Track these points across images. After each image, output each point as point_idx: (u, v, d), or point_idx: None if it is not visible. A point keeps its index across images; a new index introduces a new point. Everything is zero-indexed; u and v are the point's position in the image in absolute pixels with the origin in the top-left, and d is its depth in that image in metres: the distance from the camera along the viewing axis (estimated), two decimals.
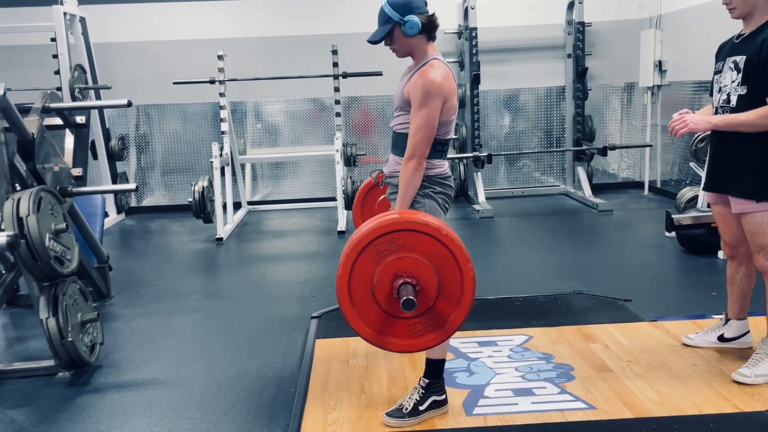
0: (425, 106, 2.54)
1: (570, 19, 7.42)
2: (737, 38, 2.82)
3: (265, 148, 7.85)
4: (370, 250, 2.17)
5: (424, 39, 2.67)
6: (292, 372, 3.20)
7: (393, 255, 2.18)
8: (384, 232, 2.17)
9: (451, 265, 2.19)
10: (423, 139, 2.56)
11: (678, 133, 2.80)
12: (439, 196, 2.72)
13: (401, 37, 2.66)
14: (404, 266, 2.19)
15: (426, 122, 2.55)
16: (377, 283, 2.19)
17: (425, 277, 2.19)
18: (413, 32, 2.62)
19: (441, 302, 2.22)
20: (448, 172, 2.82)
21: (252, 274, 5.13)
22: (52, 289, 3.21)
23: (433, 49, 2.71)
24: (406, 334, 2.29)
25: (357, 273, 2.19)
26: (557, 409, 2.68)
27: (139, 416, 2.85)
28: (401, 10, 2.61)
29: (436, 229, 2.17)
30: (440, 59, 2.66)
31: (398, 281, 2.18)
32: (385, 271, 2.18)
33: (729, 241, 3.01)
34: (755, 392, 2.72)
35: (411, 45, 2.68)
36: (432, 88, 2.54)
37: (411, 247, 2.18)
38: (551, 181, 8.04)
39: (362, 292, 2.21)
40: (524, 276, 4.72)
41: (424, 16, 2.63)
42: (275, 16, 7.59)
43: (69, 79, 6.44)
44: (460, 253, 2.18)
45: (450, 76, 2.62)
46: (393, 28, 2.65)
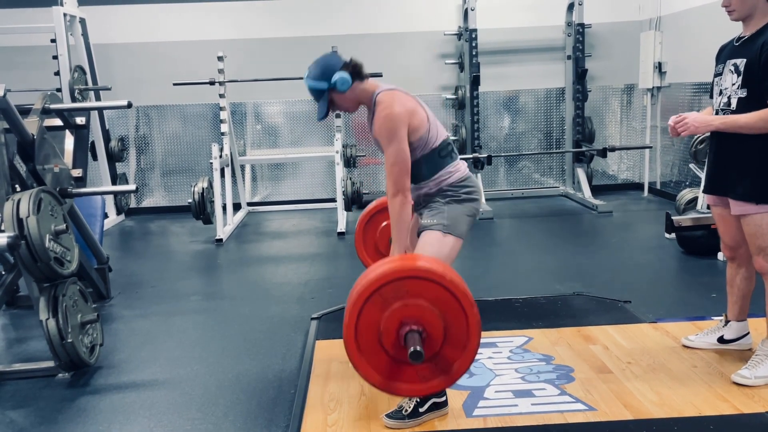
0: (393, 141, 2.65)
1: (570, 21, 7.43)
2: (737, 41, 2.82)
3: (265, 150, 7.85)
4: (376, 298, 2.18)
5: (359, 83, 2.76)
6: (291, 373, 3.20)
7: (399, 302, 2.18)
8: (389, 279, 2.18)
9: (456, 310, 2.20)
10: (400, 172, 2.67)
11: (679, 135, 2.80)
12: (463, 204, 2.78)
13: (342, 97, 2.76)
14: (410, 313, 2.19)
15: (397, 156, 2.66)
16: (384, 331, 2.20)
17: (431, 323, 2.19)
18: (347, 86, 2.72)
19: (447, 347, 2.23)
20: (468, 175, 2.87)
21: (252, 276, 5.13)
22: (52, 290, 3.21)
23: (372, 86, 2.79)
24: (414, 379, 2.29)
25: (363, 321, 2.20)
26: (557, 410, 2.68)
27: (139, 417, 2.85)
28: (324, 77, 2.72)
29: (440, 275, 2.17)
30: (384, 89, 2.75)
31: (405, 329, 2.18)
32: (391, 318, 2.19)
33: (729, 242, 3.01)
34: (755, 394, 2.72)
35: (354, 97, 2.78)
36: (391, 124, 2.64)
37: (416, 293, 2.18)
38: (551, 182, 8.04)
39: (369, 339, 2.22)
40: (524, 277, 4.72)
41: (346, 67, 2.74)
42: (275, 17, 7.60)
43: (69, 80, 6.44)
44: (465, 298, 2.18)
45: (398, 97, 2.70)
46: (329, 95, 2.76)
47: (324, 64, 2.76)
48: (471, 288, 4.33)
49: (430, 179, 2.81)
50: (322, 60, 2.79)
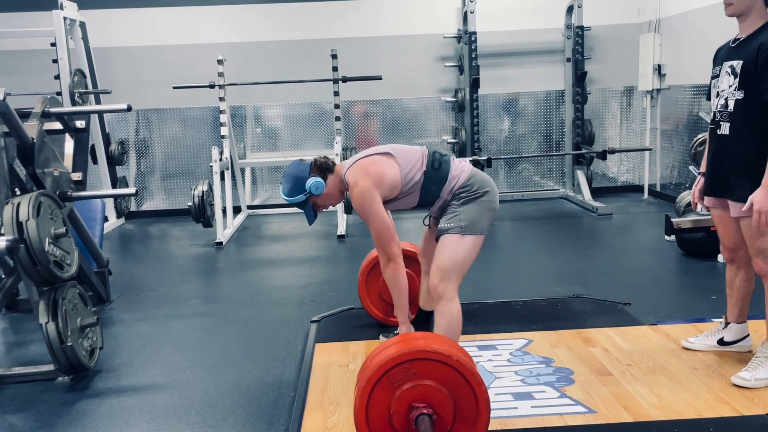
0: (371, 215, 2.82)
1: (569, 23, 7.43)
2: (733, 43, 2.82)
3: (265, 152, 7.86)
4: (385, 382, 2.20)
5: (330, 177, 2.95)
6: (291, 376, 3.20)
7: (407, 384, 2.20)
8: (396, 363, 2.19)
9: (465, 389, 2.21)
10: (387, 240, 2.85)
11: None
12: (479, 200, 2.86)
13: (322, 197, 2.95)
14: (419, 395, 2.20)
15: (379, 226, 2.83)
16: (394, 413, 2.21)
17: (440, 403, 2.20)
18: (322, 188, 2.91)
19: (458, 425, 2.23)
20: (473, 171, 2.95)
21: (251, 279, 5.13)
22: (51, 294, 3.21)
23: (339, 169, 2.97)
24: None
25: (373, 404, 2.21)
26: (557, 413, 2.67)
27: (139, 421, 2.85)
28: (298, 189, 2.91)
29: (446, 356, 2.19)
30: (347, 168, 2.91)
31: (415, 412, 2.19)
32: (400, 401, 2.20)
33: (728, 244, 3.01)
34: (755, 396, 2.72)
35: (332, 191, 2.96)
36: (363, 199, 2.81)
37: (424, 374, 2.20)
38: (551, 184, 8.04)
39: (380, 423, 2.23)
40: (524, 280, 4.72)
41: (314, 171, 2.91)
42: (275, 20, 7.61)
43: (69, 83, 6.44)
44: (472, 377, 2.20)
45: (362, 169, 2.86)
46: (310, 202, 2.94)
47: (293, 177, 2.92)
48: (471, 290, 4.34)
49: (442, 192, 2.91)
50: (290, 174, 2.94)
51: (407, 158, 2.90)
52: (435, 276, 2.81)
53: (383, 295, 3.63)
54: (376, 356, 2.27)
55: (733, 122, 2.78)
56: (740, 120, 2.75)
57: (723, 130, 2.83)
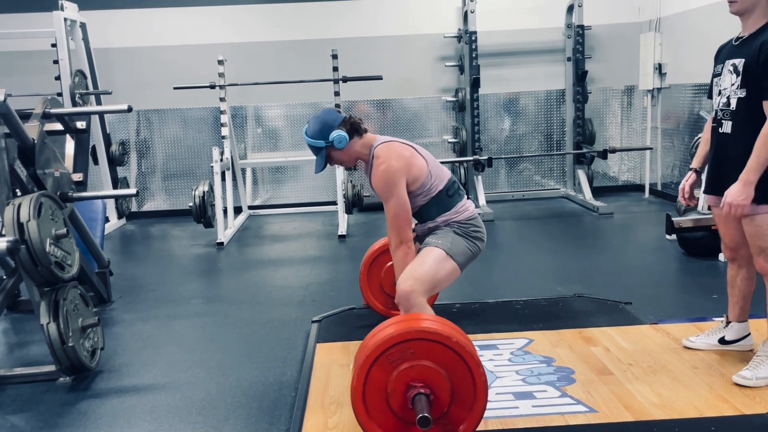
0: (392, 195, 2.75)
1: (570, 23, 7.43)
2: (736, 41, 2.82)
3: (266, 153, 7.86)
4: (383, 361, 2.19)
5: (357, 140, 2.86)
6: (292, 376, 3.20)
7: (405, 364, 2.19)
8: (395, 342, 2.18)
9: (463, 371, 2.20)
10: (402, 224, 2.78)
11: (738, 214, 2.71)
12: (469, 239, 2.86)
13: (339, 153, 2.87)
14: (417, 375, 2.20)
15: (397, 208, 2.76)
16: (391, 393, 2.21)
17: (438, 384, 2.20)
18: (345, 143, 2.82)
19: (455, 407, 2.23)
20: (476, 215, 2.97)
21: (252, 279, 5.13)
22: (52, 294, 3.21)
23: (369, 139, 2.88)
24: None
25: (371, 383, 2.21)
26: (558, 412, 2.67)
27: (140, 421, 2.85)
28: (322, 134, 2.83)
29: (446, 337, 2.18)
30: (381, 143, 2.82)
31: (412, 391, 2.19)
32: (398, 380, 2.19)
33: (729, 243, 3.01)
34: (756, 395, 2.72)
35: (351, 152, 2.88)
36: (389, 178, 2.74)
37: (422, 355, 2.19)
38: (552, 184, 8.04)
39: (377, 401, 2.22)
40: (525, 279, 4.72)
41: (344, 124, 2.83)
42: (275, 21, 7.61)
43: (69, 84, 6.45)
44: (471, 359, 2.19)
45: (395, 149, 2.79)
46: (328, 151, 2.87)
47: (322, 121, 2.85)
48: (472, 290, 4.34)
49: (439, 217, 2.91)
50: (320, 117, 2.87)
51: (436, 168, 2.91)
52: (406, 282, 2.74)
53: (385, 288, 3.63)
54: (375, 335, 2.26)
55: (735, 120, 2.77)
56: (742, 118, 2.74)
57: (725, 128, 2.82)
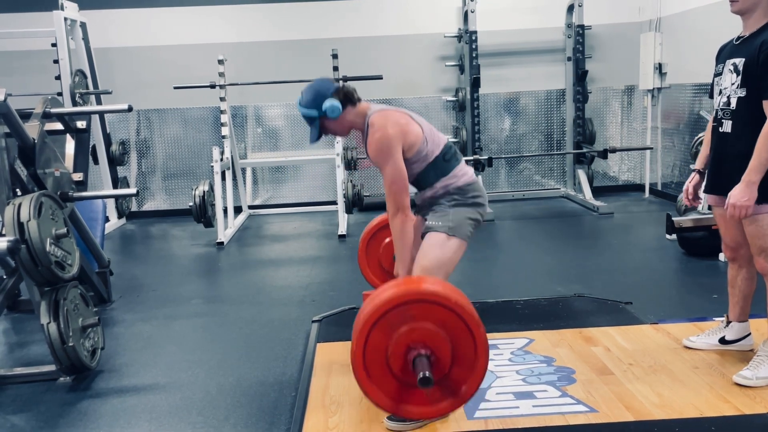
0: (388, 162, 2.71)
1: (570, 22, 7.43)
2: (737, 40, 2.81)
3: (266, 152, 7.85)
4: (382, 324, 2.18)
5: (351, 109, 2.81)
6: (292, 376, 3.20)
7: (405, 326, 2.18)
8: (394, 305, 2.17)
9: (463, 331, 2.19)
10: (399, 191, 2.73)
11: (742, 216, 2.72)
12: (470, 208, 2.82)
13: (333, 123, 2.82)
14: (417, 337, 2.19)
15: (394, 175, 2.72)
16: (391, 356, 2.20)
17: (439, 345, 2.19)
18: (338, 113, 2.77)
19: (456, 369, 2.22)
20: (474, 179, 2.92)
21: (253, 279, 5.13)
22: (53, 294, 3.21)
23: (364, 108, 2.84)
24: (424, 401, 2.29)
25: (371, 347, 2.20)
26: (558, 412, 2.67)
27: (140, 421, 2.85)
28: (315, 104, 2.77)
29: (445, 297, 2.17)
30: (375, 111, 2.78)
31: (412, 353, 2.18)
32: (398, 343, 2.18)
33: (730, 243, 3.01)
34: (756, 395, 2.72)
35: (345, 122, 2.83)
36: (384, 145, 2.69)
37: (422, 317, 2.18)
38: (552, 184, 8.04)
39: (378, 364, 2.22)
40: (525, 279, 4.72)
41: (337, 93, 2.78)
42: (275, 20, 7.61)
43: (70, 84, 6.45)
44: (471, 319, 2.18)
45: (390, 117, 2.75)
46: (321, 121, 2.81)
47: (315, 91, 2.80)
48: (472, 289, 4.33)
49: (438, 182, 2.86)
50: (313, 86, 2.83)
51: (431, 134, 2.86)
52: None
53: (383, 264, 3.62)
54: (373, 299, 2.25)
55: (736, 120, 2.77)
56: (742, 118, 2.74)
57: (725, 128, 2.82)
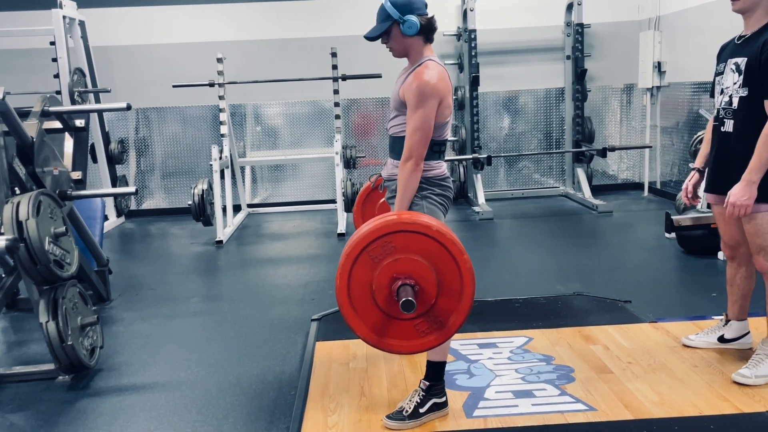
0: (421, 107, 2.53)
1: (569, 21, 7.43)
2: (738, 39, 2.81)
3: (265, 151, 7.85)
4: (364, 257, 2.17)
5: (421, 40, 2.67)
6: (292, 375, 3.20)
7: (388, 258, 2.17)
8: (374, 237, 2.16)
9: (447, 259, 2.18)
10: (420, 140, 2.56)
11: (741, 214, 2.73)
12: (438, 198, 2.71)
13: (399, 37, 2.66)
14: (401, 268, 2.18)
15: (422, 123, 2.55)
16: (376, 288, 2.18)
17: (423, 275, 2.18)
18: (411, 32, 2.61)
19: (442, 298, 2.21)
20: (446, 173, 2.83)
21: (252, 277, 5.13)
22: (51, 293, 3.20)
23: (429, 50, 2.71)
24: (412, 334, 2.28)
25: (355, 281, 2.19)
26: (557, 410, 2.67)
27: (140, 420, 2.85)
28: (402, 9, 2.60)
29: (425, 226, 2.16)
30: (436, 60, 2.66)
31: (397, 283, 2.17)
32: (382, 275, 2.17)
33: (729, 242, 3.01)
34: (755, 393, 2.72)
35: (408, 45, 2.68)
36: (427, 89, 2.53)
37: (404, 248, 2.17)
38: (551, 182, 8.04)
39: (363, 298, 2.20)
40: (524, 278, 4.72)
41: (424, 18, 2.63)
42: (274, 18, 7.60)
43: (68, 82, 6.44)
44: (453, 246, 2.16)
45: (445, 76, 2.62)
46: (391, 26, 2.64)
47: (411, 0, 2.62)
48: None
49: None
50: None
51: (449, 124, 2.73)
52: None
53: None
54: (356, 233, 2.25)
55: (737, 119, 2.77)
56: (744, 117, 2.74)
57: (727, 127, 2.82)
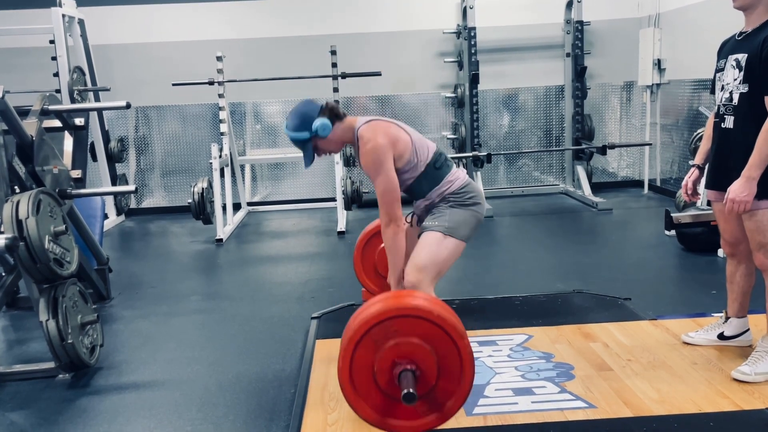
0: (380, 172, 2.72)
1: (569, 18, 7.43)
2: (739, 36, 2.81)
3: (265, 149, 7.85)
4: (367, 341, 2.18)
5: (339, 124, 2.83)
6: (292, 373, 3.20)
7: (390, 341, 2.18)
8: (377, 321, 2.17)
9: (447, 344, 2.19)
10: (391, 201, 2.74)
11: (741, 211, 2.73)
12: (468, 208, 2.83)
13: (325, 142, 2.83)
14: (402, 352, 2.19)
15: (386, 185, 2.73)
16: (378, 372, 2.20)
17: (424, 360, 2.18)
18: (328, 131, 2.78)
19: (443, 381, 2.22)
20: (466, 181, 2.93)
21: (252, 275, 5.13)
22: (51, 291, 3.21)
23: (351, 122, 2.85)
24: (413, 415, 2.29)
25: (357, 364, 2.20)
26: (557, 408, 2.67)
27: (140, 418, 2.85)
28: (304, 126, 2.78)
29: (427, 311, 2.17)
30: (363, 123, 2.80)
31: (398, 368, 2.18)
32: (384, 358, 2.18)
33: (729, 239, 3.01)
34: (755, 390, 2.72)
35: (336, 138, 2.84)
36: (375, 156, 2.71)
37: (406, 331, 2.18)
38: (551, 180, 8.04)
39: (364, 380, 2.22)
40: (524, 275, 4.72)
41: (323, 112, 2.80)
42: (274, 17, 7.59)
43: (68, 81, 6.44)
44: (454, 331, 2.17)
45: (379, 128, 2.77)
46: (313, 143, 2.82)
47: (301, 113, 2.81)
48: (471, 286, 4.33)
49: (432, 192, 2.88)
50: (298, 110, 2.84)
51: (420, 143, 2.87)
52: (410, 274, 2.77)
53: (378, 269, 3.62)
54: (358, 315, 2.26)
55: (738, 116, 2.77)
56: (745, 114, 2.74)
57: (727, 123, 2.82)
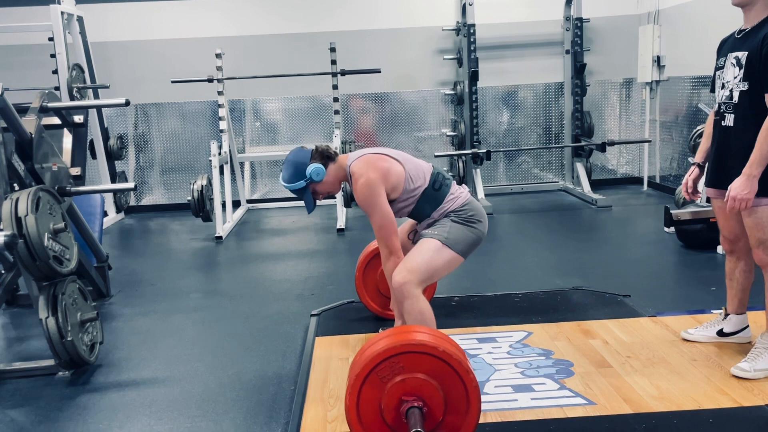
0: (375, 207, 2.78)
1: (568, 15, 7.42)
2: (738, 33, 2.81)
3: (264, 146, 7.85)
4: (373, 378, 2.19)
5: (332, 165, 2.91)
6: (291, 370, 3.21)
7: (396, 378, 2.19)
8: (383, 358, 2.18)
9: (453, 379, 2.20)
10: (388, 235, 2.81)
11: (742, 208, 2.72)
12: (468, 225, 2.86)
13: (322, 185, 2.92)
14: (408, 388, 2.19)
15: (382, 219, 2.80)
16: (385, 408, 2.20)
17: (431, 395, 2.19)
18: (322, 175, 2.88)
19: (449, 416, 2.22)
20: (470, 199, 2.96)
21: (251, 273, 5.13)
22: (51, 289, 3.21)
23: (343, 160, 2.93)
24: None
25: (364, 401, 2.20)
26: (557, 404, 2.68)
27: (140, 415, 2.85)
28: (299, 176, 2.88)
29: (432, 347, 2.17)
30: (354, 159, 2.87)
31: (405, 405, 2.18)
32: (390, 395, 2.19)
33: (728, 236, 3.01)
34: (754, 387, 2.73)
35: (332, 180, 2.93)
36: (369, 191, 2.77)
37: (412, 368, 2.19)
38: (550, 177, 8.04)
39: (371, 417, 2.22)
40: (523, 272, 4.73)
41: (314, 157, 2.88)
42: (273, 14, 7.58)
43: (67, 78, 6.43)
44: (460, 366, 2.18)
45: (370, 162, 2.83)
46: (311, 188, 2.92)
47: (294, 163, 2.89)
48: (471, 283, 4.33)
49: (434, 212, 2.92)
50: (290, 160, 2.91)
51: (415, 168, 2.92)
52: (399, 273, 2.78)
53: (380, 289, 3.63)
54: (364, 352, 2.27)
55: (738, 114, 2.77)
56: (745, 111, 2.74)
57: (727, 121, 2.82)
